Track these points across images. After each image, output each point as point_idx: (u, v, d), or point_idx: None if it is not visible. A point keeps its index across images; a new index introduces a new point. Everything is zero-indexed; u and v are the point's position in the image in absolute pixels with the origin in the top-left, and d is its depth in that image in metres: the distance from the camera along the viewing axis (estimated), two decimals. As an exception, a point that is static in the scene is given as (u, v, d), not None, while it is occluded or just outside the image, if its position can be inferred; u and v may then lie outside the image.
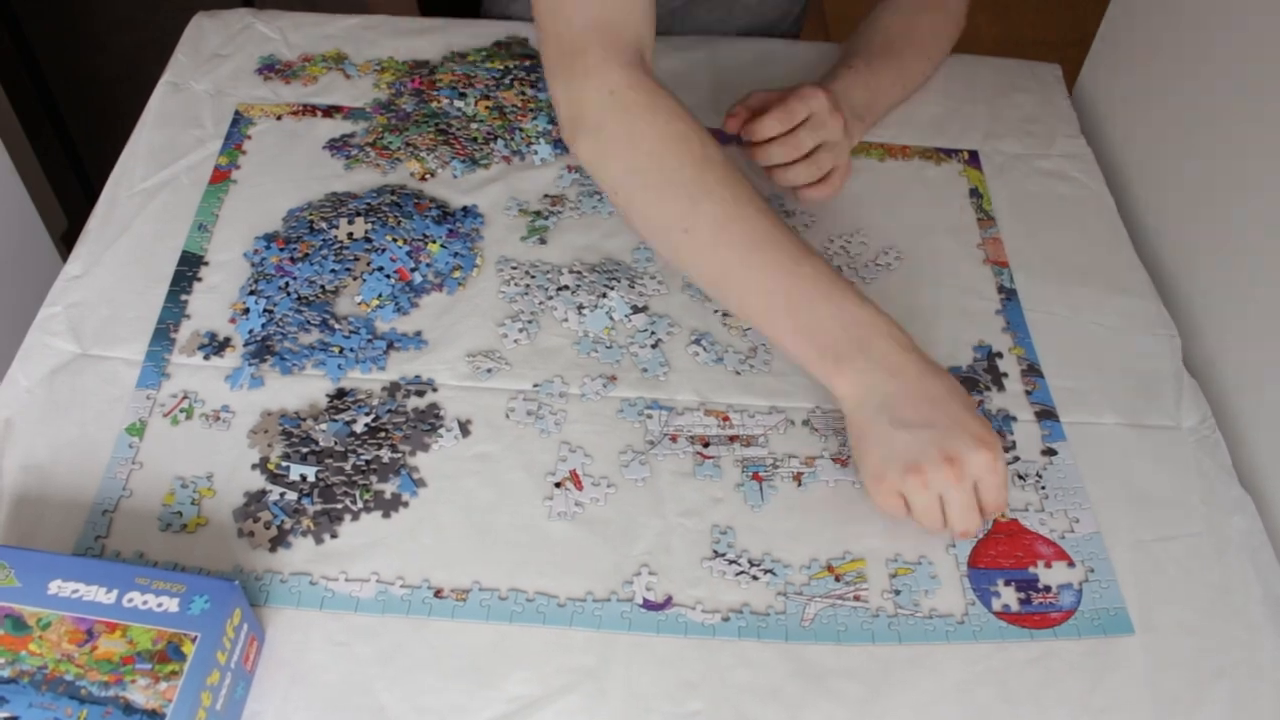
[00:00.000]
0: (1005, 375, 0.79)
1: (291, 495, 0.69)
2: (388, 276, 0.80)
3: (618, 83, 0.72)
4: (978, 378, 0.79)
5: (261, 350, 0.76)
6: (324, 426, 0.72)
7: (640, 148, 0.72)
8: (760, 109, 0.84)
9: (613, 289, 0.81)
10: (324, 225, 0.82)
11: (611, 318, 0.80)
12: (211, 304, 0.79)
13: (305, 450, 0.71)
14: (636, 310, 0.81)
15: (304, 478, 0.70)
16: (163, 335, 0.77)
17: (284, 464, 0.70)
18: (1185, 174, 0.88)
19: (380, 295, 0.79)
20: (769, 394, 0.77)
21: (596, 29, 0.73)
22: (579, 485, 0.70)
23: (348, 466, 0.70)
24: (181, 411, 0.73)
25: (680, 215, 0.71)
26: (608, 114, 0.73)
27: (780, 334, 0.70)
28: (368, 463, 0.71)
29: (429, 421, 0.73)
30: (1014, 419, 0.77)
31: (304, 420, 0.72)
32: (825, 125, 0.82)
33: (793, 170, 0.83)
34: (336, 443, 0.71)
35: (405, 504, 0.70)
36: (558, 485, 0.71)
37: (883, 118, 0.95)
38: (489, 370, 0.77)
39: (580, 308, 0.80)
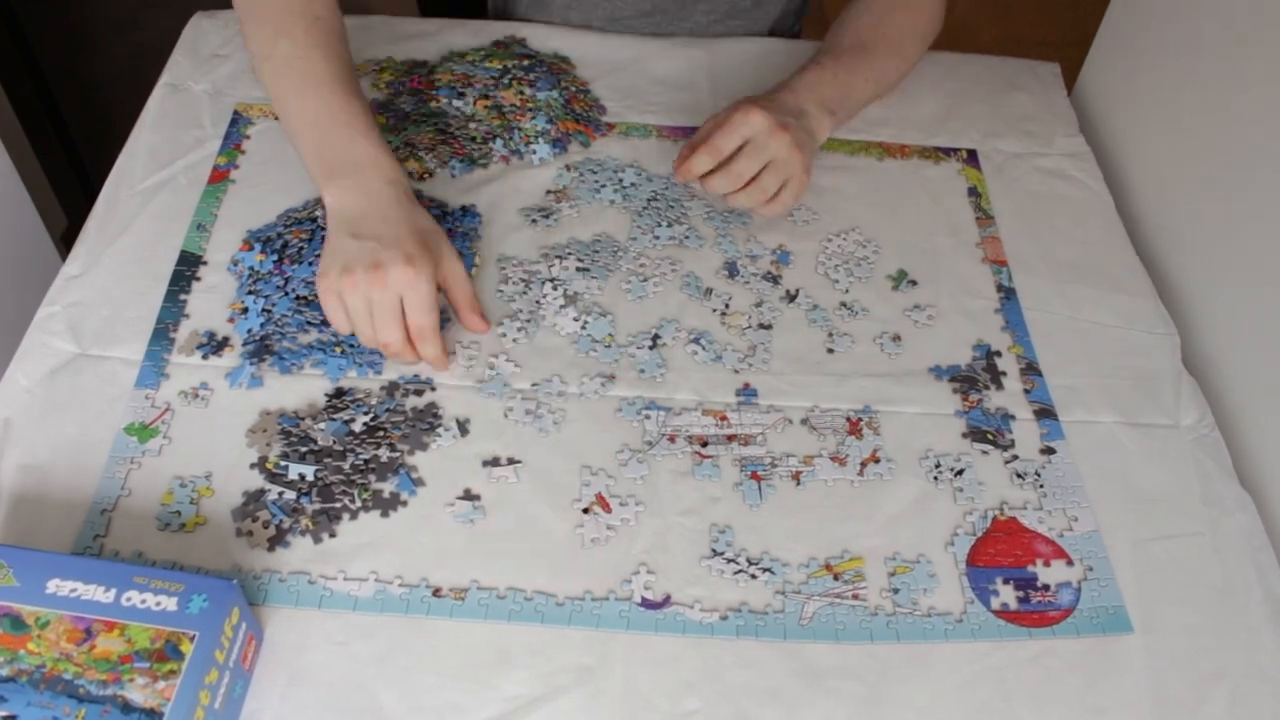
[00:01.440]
0: (1004, 374, 0.79)
1: (290, 494, 0.69)
2: (386, 276, 0.80)
3: None
4: (976, 376, 0.79)
5: (260, 350, 0.76)
6: (322, 426, 0.72)
7: None
8: (702, 139, 0.85)
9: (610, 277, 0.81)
10: (311, 225, 0.82)
11: (613, 327, 0.80)
12: (210, 304, 0.79)
13: (304, 450, 0.71)
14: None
15: (302, 477, 0.70)
16: (162, 335, 0.77)
17: (282, 463, 0.70)
18: (1185, 173, 0.88)
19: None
20: (767, 393, 0.77)
21: None
22: (606, 508, 0.70)
23: (346, 466, 0.71)
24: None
25: (265, 46, 0.82)
26: None
27: (304, 149, 0.80)
28: (366, 462, 0.71)
29: (428, 421, 0.73)
30: (1013, 418, 0.77)
31: (303, 420, 0.72)
32: (765, 147, 0.83)
33: (739, 196, 0.85)
34: (335, 442, 0.71)
35: (404, 503, 0.70)
36: (585, 511, 0.70)
37: (856, 114, 0.95)
38: (491, 375, 0.77)
39: (579, 319, 0.80)
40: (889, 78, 0.97)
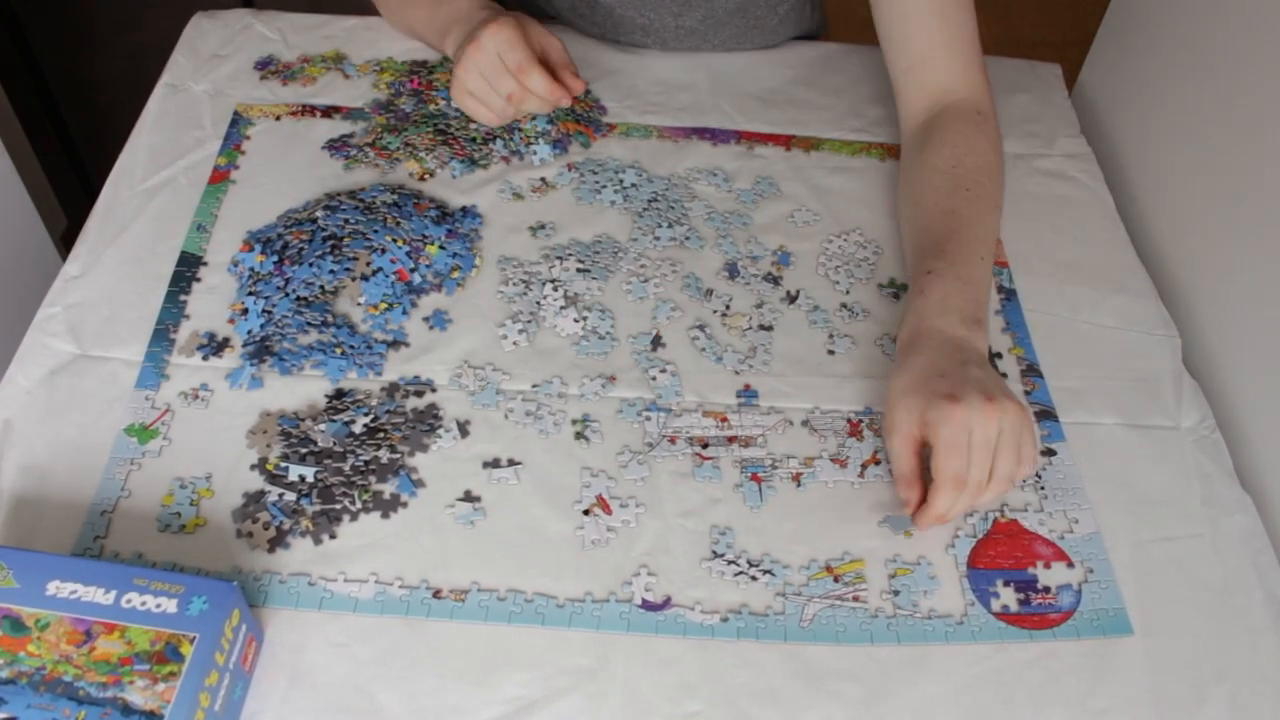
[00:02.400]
0: (1005, 376, 0.79)
1: (290, 496, 0.69)
2: (388, 278, 0.80)
3: None
4: (977, 378, 0.79)
5: (260, 351, 0.76)
6: (323, 427, 0.72)
7: None
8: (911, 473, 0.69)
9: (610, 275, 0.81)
10: (311, 227, 0.82)
11: (614, 328, 0.80)
12: (210, 304, 0.79)
13: (304, 451, 0.71)
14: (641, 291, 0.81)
15: (303, 478, 0.70)
16: (162, 336, 0.77)
17: (283, 464, 0.70)
18: (1185, 174, 0.88)
19: (385, 296, 0.79)
20: (768, 395, 0.77)
21: None
22: (607, 510, 0.70)
23: (346, 467, 0.70)
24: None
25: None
26: None
27: (424, 32, 0.96)
28: (366, 463, 0.71)
29: (428, 422, 0.73)
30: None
31: (303, 421, 0.72)
32: (987, 438, 0.65)
33: (986, 497, 0.67)
34: (335, 443, 0.71)
35: (404, 504, 0.70)
36: (586, 513, 0.70)
37: (988, 302, 0.78)
38: (483, 383, 0.77)
39: (580, 320, 0.80)
40: (992, 234, 0.80)
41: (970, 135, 0.84)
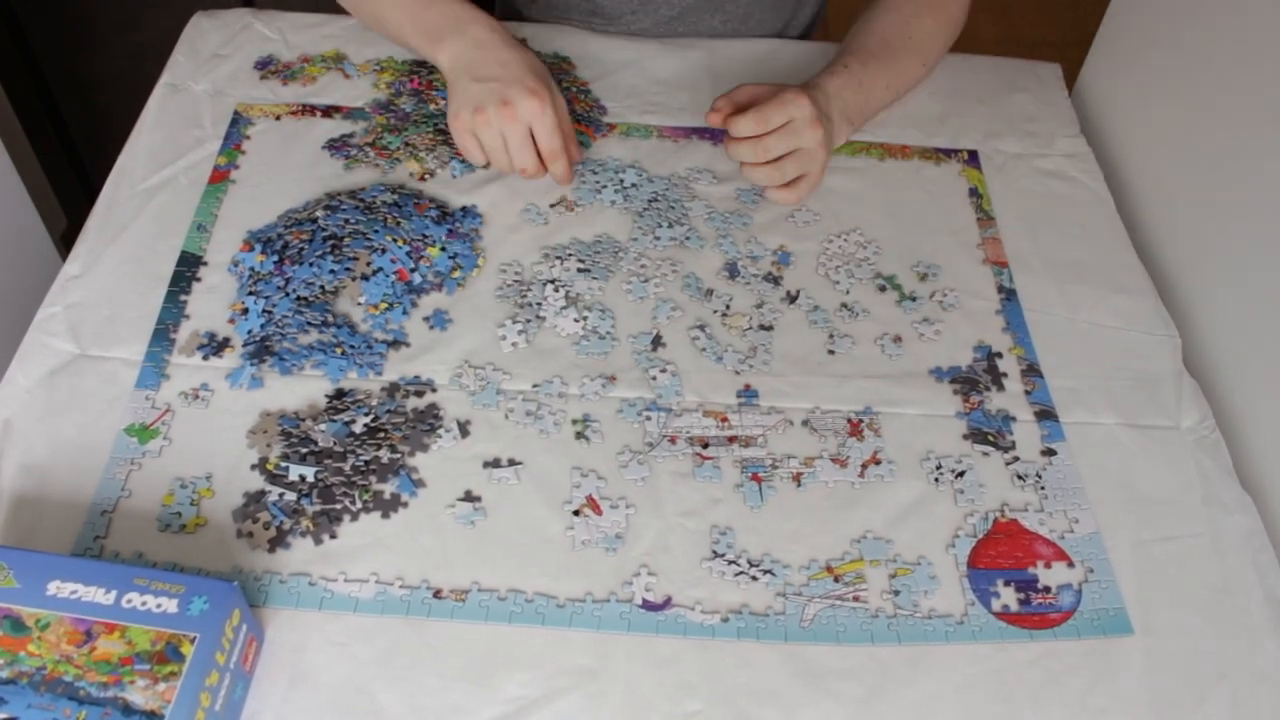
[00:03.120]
0: (1005, 375, 0.79)
1: (291, 496, 0.69)
2: (388, 277, 0.80)
3: None
4: (978, 378, 0.79)
5: (261, 350, 0.76)
6: (323, 427, 0.72)
7: None
8: (746, 104, 0.87)
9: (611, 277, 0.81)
10: (311, 226, 0.82)
11: (614, 328, 0.80)
12: (211, 304, 0.79)
13: (304, 450, 0.71)
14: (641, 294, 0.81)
15: (303, 478, 0.70)
16: (162, 335, 0.77)
17: (283, 464, 0.70)
18: (1185, 173, 0.88)
19: (385, 296, 0.79)
20: (768, 394, 0.77)
21: None
22: (598, 510, 0.70)
23: (347, 467, 0.70)
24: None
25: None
26: None
27: (401, 29, 0.91)
28: (367, 463, 0.71)
29: (428, 422, 0.73)
30: (1014, 419, 0.77)
31: (303, 420, 0.72)
32: (801, 134, 0.85)
33: (758, 171, 0.87)
34: (336, 443, 0.71)
35: (404, 504, 0.70)
36: (576, 514, 0.70)
37: (871, 119, 0.96)
38: (483, 383, 0.77)
39: (579, 318, 0.80)
40: (908, 84, 0.98)
41: (925, 9, 0.96)
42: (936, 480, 0.73)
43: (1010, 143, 0.97)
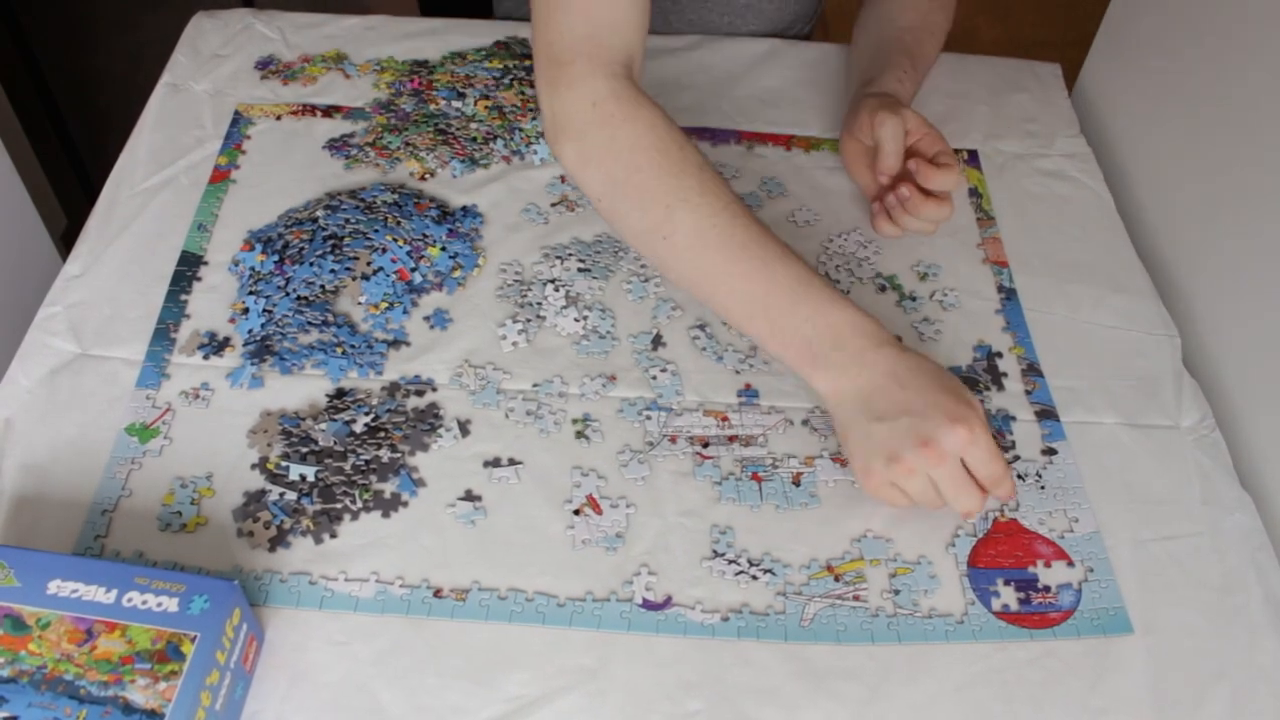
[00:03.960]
0: (1005, 375, 0.79)
1: (291, 495, 0.69)
2: (389, 277, 0.80)
3: (601, 94, 0.74)
4: (978, 378, 0.79)
5: (261, 350, 0.76)
6: (323, 426, 0.72)
7: (620, 158, 0.74)
8: (888, 171, 0.85)
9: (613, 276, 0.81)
10: (311, 226, 0.82)
11: (615, 327, 0.80)
12: (211, 304, 0.79)
13: (305, 450, 0.71)
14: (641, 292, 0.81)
15: (303, 478, 0.70)
16: (162, 335, 0.77)
17: (283, 464, 0.70)
18: (1185, 173, 0.88)
19: (385, 296, 0.79)
20: (768, 394, 0.77)
21: (586, 40, 0.74)
22: (598, 509, 0.70)
23: (347, 466, 0.70)
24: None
25: (658, 223, 0.73)
26: (590, 125, 0.74)
27: (760, 336, 0.73)
28: (367, 463, 0.71)
29: (429, 421, 0.73)
30: (1014, 419, 0.77)
31: (304, 420, 0.72)
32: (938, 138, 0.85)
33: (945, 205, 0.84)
34: (336, 443, 0.71)
35: (405, 504, 0.70)
36: (576, 513, 0.70)
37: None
38: (484, 382, 0.77)
39: (579, 317, 0.80)
40: (929, 60, 0.98)
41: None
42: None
43: (1010, 143, 0.98)
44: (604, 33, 0.75)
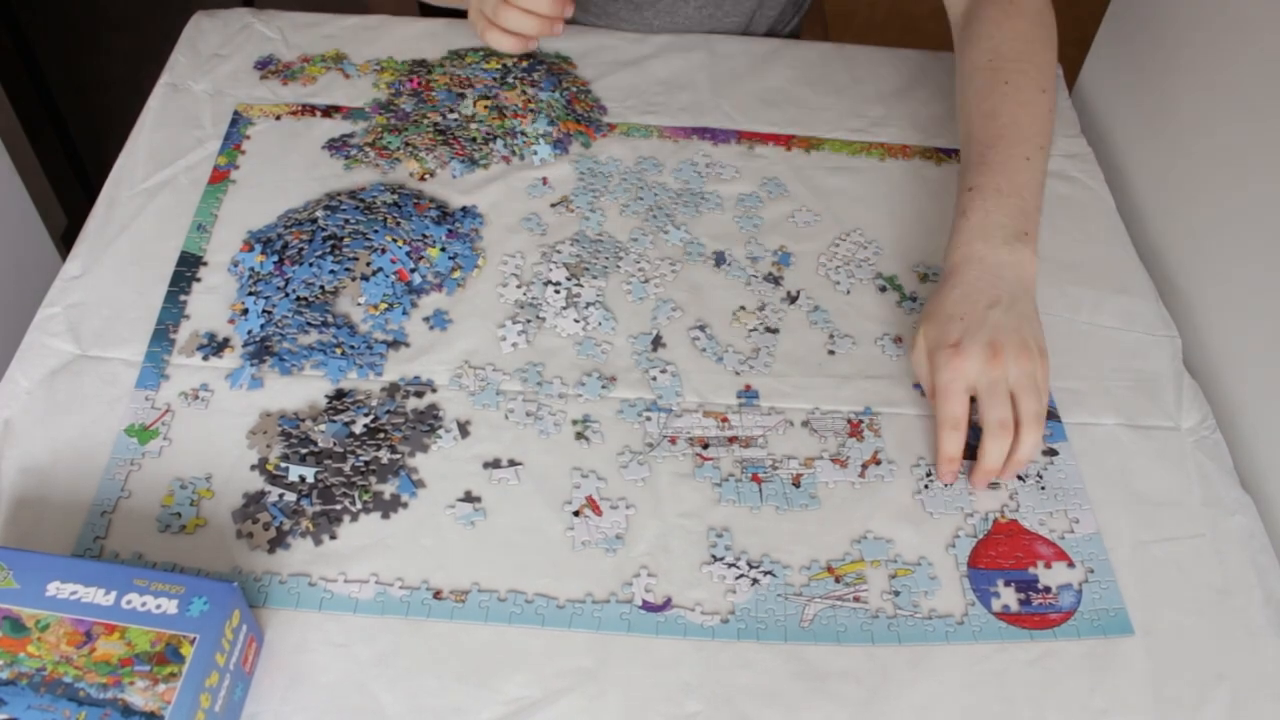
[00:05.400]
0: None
1: (290, 496, 0.69)
2: (388, 277, 0.80)
3: None
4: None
5: (260, 351, 0.76)
6: (323, 427, 0.72)
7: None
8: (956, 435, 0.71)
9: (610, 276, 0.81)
10: (310, 225, 0.82)
11: (615, 328, 0.80)
12: (211, 304, 0.79)
13: (304, 451, 0.71)
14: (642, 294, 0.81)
15: (303, 479, 0.70)
16: (162, 336, 0.77)
17: (283, 465, 0.70)
18: (1185, 174, 0.88)
19: (385, 296, 0.79)
20: (768, 395, 0.77)
21: None
22: (598, 511, 0.70)
23: (347, 467, 0.70)
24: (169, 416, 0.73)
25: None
26: None
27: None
28: (367, 463, 0.71)
29: (428, 422, 0.73)
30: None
31: (303, 421, 0.72)
32: (996, 380, 0.69)
33: (1017, 458, 0.70)
34: (336, 443, 0.71)
35: (404, 505, 0.70)
36: (576, 514, 0.70)
37: (1042, 203, 0.78)
38: (483, 383, 0.77)
39: (579, 318, 0.80)
40: (1040, 124, 0.79)
41: (1004, 20, 0.83)
42: (927, 487, 0.73)
43: (1010, 143, 0.97)
44: None
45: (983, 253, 0.74)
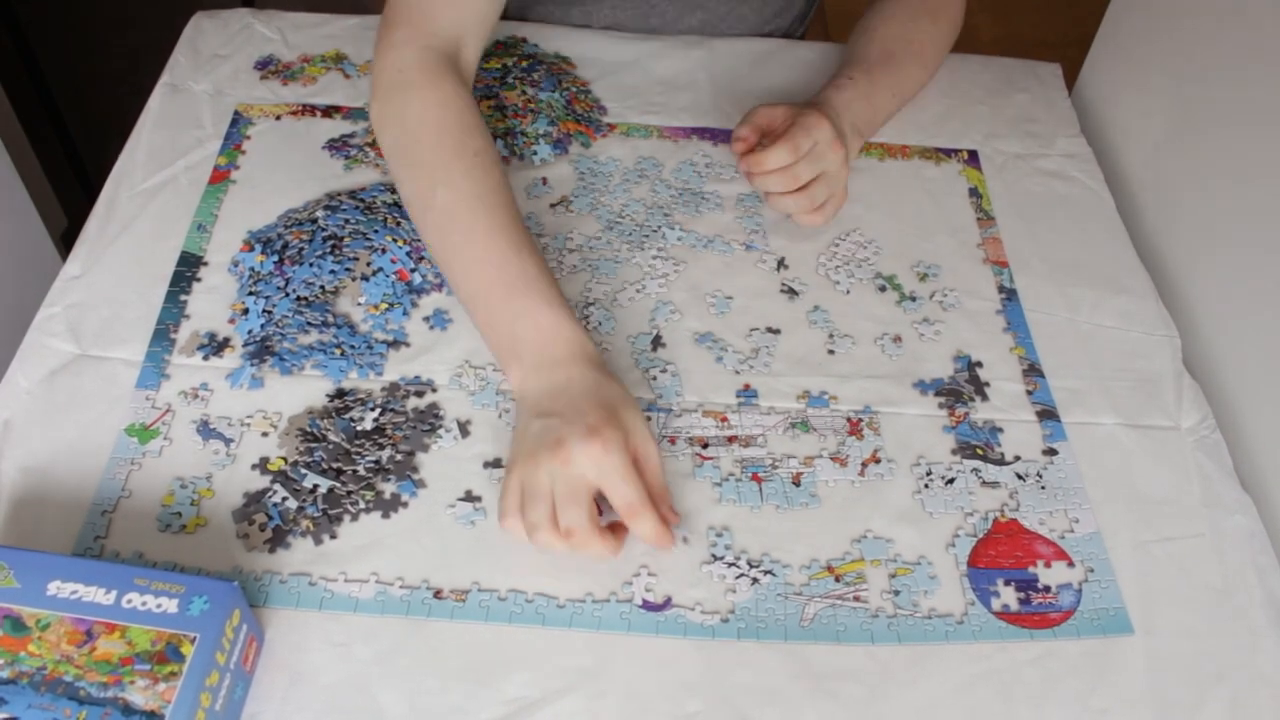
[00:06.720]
0: (988, 385, 0.79)
1: (293, 503, 0.69)
2: (388, 277, 0.80)
3: (408, 61, 0.79)
4: (960, 389, 0.79)
5: (261, 351, 0.76)
6: (328, 423, 0.72)
7: (405, 126, 0.78)
8: (767, 129, 0.86)
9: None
10: (310, 225, 0.82)
11: (615, 328, 0.80)
12: (211, 304, 0.79)
13: (324, 464, 0.70)
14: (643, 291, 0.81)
15: (315, 487, 0.69)
16: (162, 336, 0.77)
17: (301, 470, 0.70)
18: (1185, 173, 0.88)
19: (385, 296, 0.79)
20: (768, 394, 0.77)
21: (417, 9, 0.80)
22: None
23: (360, 469, 0.70)
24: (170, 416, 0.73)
25: (422, 194, 0.76)
26: (392, 88, 0.79)
27: (477, 321, 0.75)
28: (376, 463, 0.71)
29: (429, 422, 0.73)
30: (1001, 430, 0.76)
31: (322, 422, 0.72)
32: (825, 157, 0.83)
33: (789, 199, 0.85)
34: (345, 440, 0.71)
35: (405, 504, 0.70)
36: None
37: (880, 129, 0.95)
38: (484, 383, 0.77)
39: (579, 318, 0.80)
40: (911, 90, 0.98)
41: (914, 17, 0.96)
42: (926, 486, 0.73)
43: (1010, 143, 0.98)
44: (437, 6, 0.80)
45: (842, 120, 0.87)
